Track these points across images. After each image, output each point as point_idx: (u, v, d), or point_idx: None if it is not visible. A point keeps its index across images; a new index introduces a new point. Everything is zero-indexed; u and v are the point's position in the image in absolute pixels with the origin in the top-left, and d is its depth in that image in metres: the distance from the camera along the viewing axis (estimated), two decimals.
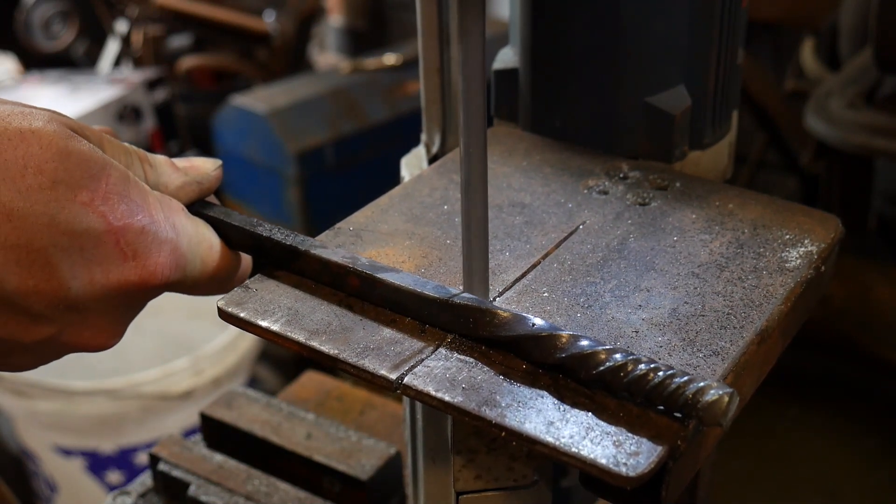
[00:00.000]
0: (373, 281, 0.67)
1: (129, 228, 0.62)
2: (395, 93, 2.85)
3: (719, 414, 0.54)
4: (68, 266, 0.59)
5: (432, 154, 0.92)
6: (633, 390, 0.57)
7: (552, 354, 0.60)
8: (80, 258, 0.60)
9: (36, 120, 0.59)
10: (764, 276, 0.71)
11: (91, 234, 0.60)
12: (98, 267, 0.61)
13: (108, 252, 0.61)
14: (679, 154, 0.85)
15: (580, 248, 0.74)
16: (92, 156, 0.61)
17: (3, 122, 0.58)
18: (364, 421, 1.18)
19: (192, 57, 3.25)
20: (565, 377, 0.61)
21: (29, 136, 0.58)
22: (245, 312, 0.68)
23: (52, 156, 0.58)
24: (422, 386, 0.61)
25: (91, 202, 0.60)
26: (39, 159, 0.58)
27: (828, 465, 2.11)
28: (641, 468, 0.54)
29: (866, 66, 2.04)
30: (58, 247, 0.58)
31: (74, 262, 0.60)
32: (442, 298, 0.64)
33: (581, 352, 0.59)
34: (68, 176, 0.59)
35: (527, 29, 0.86)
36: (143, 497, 1.06)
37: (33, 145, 0.58)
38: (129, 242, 0.62)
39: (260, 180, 2.77)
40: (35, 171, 0.58)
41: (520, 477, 0.72)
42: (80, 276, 0.60)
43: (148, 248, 0.63)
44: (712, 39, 0.83)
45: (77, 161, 0.59)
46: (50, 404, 1.96)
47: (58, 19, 3.27)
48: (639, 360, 0.58)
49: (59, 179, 0.58)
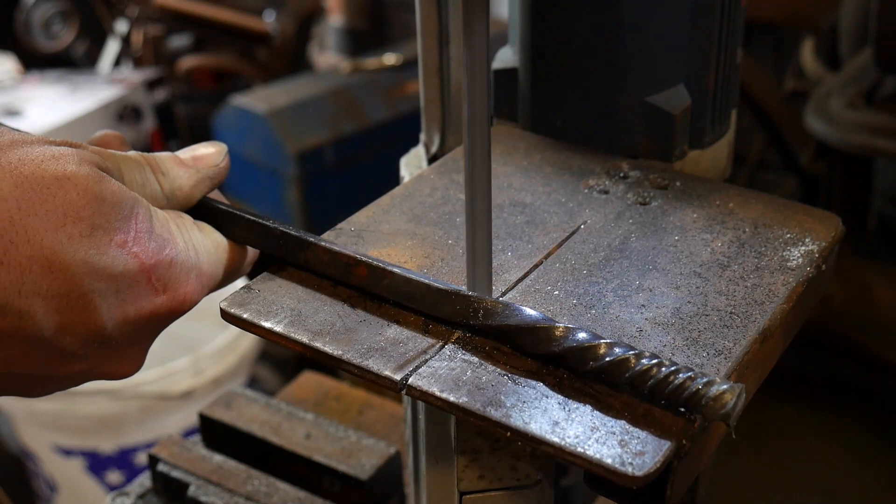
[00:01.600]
0: (382, 271, 0.67)
1: (159, 265, 0.62)
2: (395, 93, 2.85)
3: (726, 409, 0.54)
4: (105, 308, 0.60)
5: (431, 154, 0.92)
6: (637, 384, 0.57)
7: (560, 345, 0.60)
8: (116, 299, 0.60)
9: (69, 163, 0.59)
10: (766, 275, 0.71)
11: (127, 275, 0.60)
12: (132, 305, 0.62)
13: (142, 290, 0.62)
14: (679, 153, 0.85)
15: (582, 247, 0.74)
16: (123, 197, 0.61)
17: (38, 169, 0.57)
18: (362, 421, 1.18)
19: (192, 57, 3.25)
20: (570, 375, 0.61)
21: (65, 182, 0.58)
22: (248, 313, 0.68)
23: (89, 202, 0.58)
24: (426, 386, 0.60)
25: (125, 244, 0.60)
26: (77, 206, 0.58)
27: (824, 464, 2.11)
28: (647, 467, 0.54)
29: (866, 66, 2.04)
30: (97, 291, 0.59)
31: (111, 304, 0.60)
32: (452, 289, 0.65)
33: (589, 343, 0.59)
34: (104, 221, 0.59)
35: (526, 29, 0.86)
36: (142, 498, 1.06)
37: (70, 192, 0.58)
38: (159, 278, 0.63)
39: (260, 180, 2.77)
40: (74, 220, 0.58)
41: (523, 476, 0.72)
42: (116, 315, 0.61)
43: (177, 279, 0.64)
44: (712, 38, 0.83)
45: (111, 205, 0.60)
46: (50, 404, 1.95)
47: (58, 19, 3.27)
48: (641, 354, 0.58)
49: (97, 225, 0.59)
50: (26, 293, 0.56)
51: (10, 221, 0.55)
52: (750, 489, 2.04)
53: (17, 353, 0.58)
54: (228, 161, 0.73)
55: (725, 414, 0.55)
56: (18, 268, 0.56)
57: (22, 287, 0.56)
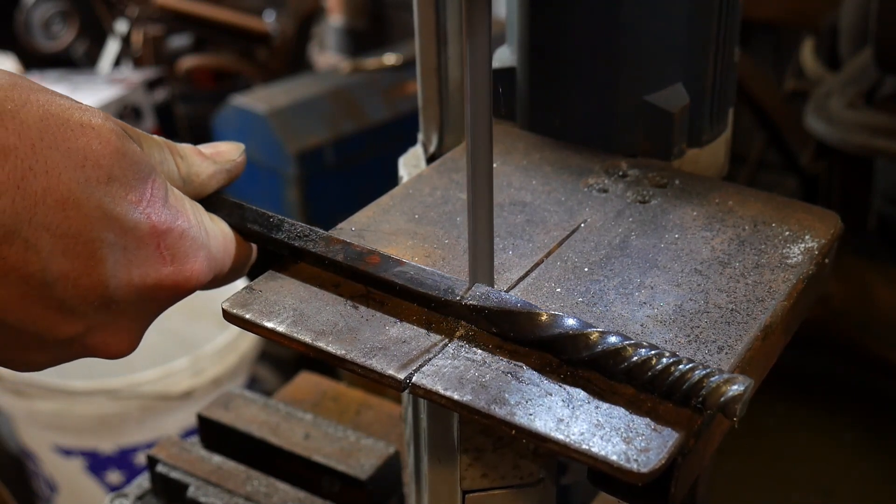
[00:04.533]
0: (395, 260, 0.68)
1: (170, 232, 0.63)
2: (395, 93, 2.85)
3: (740, 402, 0.54)
4: (111, 262, 0.60)
5: (430, 153, 0.92)
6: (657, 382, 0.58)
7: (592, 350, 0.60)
8: (123, 257, 0.60)
9: (94, 116, 0.60)
10: (766, 273, 0.71)
11: (136, 234, 0.61)
12: (137, 268, 0.61)
13: (150, 254, 0.62)
14: (678, 152, 0.85)
15: (582, 246, 0.74)
16: (142, 159, 0.61)
17: (65, 112, 0.58)
18: (361, 421, 1.17)
19: (192, 57, 3.25)
20: (574, 372, 0.61)
21: (89, 129, 0.59)
22: (250, 314, 0.68)
23: (110, 152, 0.59)
24: (430, 385, 0.61)
25: (139, 202, 0.61)
26: (98, 153, 0.58)
27: (823, 463, 2.11)
28: (652, 464, 0.54)
29: (866, 66, 2.04)
30: (105, 241, 0.59)
31: (117, 260, 0.60)
32: (460, 301, 0.65)
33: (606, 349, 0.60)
34: (122, 174, 0.60)
35: (524, 28, 0.86)
36: (140, 499, 1.05)
37: (93, 139, 0.59)
38: (168, 246, 0.63)
39: (260, 180, 2.77)
40: (94, 165, 0.58)
41: (526, 475, 0.72)
42: (120, 274, 0.60)
43: (186, 253, 0.64)
44: (710, 37, 0.83)
45: (130, 162, 0.60)
46: (50, 404, 1.95)
47: (58, 19, 3.27)
48: (639, 344, 0.59)
49: (114, 176, 0.59)
50: (36, 224, 0.56)
51: (31, 149, 0.56)
52: (747, 489, 2.04)
53: (17, 293, 0.57)
54: (245, 158, 0.74)
55: (736, 408, 0.55)
56: (33, 197, 0.55)
57: (33, 217, 0.56)
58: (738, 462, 2.04)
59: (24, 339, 0.61)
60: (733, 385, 0.55)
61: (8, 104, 0.56)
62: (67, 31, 3.29)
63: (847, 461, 2.11)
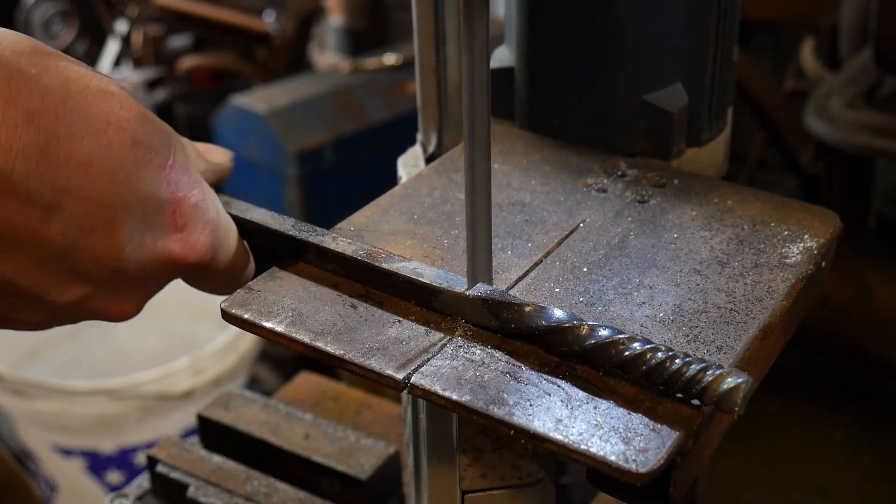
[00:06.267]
0: (400, 257, 0.69)
1: (186, 201, 0.63)
2: (394, 93, 2.85)
3: (735, 399, 0.55)
4: (128, 228, 0.59)
5: (429, 153, 0.92)
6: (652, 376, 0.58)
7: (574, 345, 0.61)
8: (140, 222, 0.60)
9: (112, 84, 0.60)
10: (765, 272, 0.71)
11: (155, 200, 0.60)
12: (151, 234, 0.61)
13: (164, 220, 0.62)
14: (677, 151, 0.85)
15: (581, 246, 0.74)
16: (164, 125, 0.62)
17: (84, 78, 0.58)
18: (360, 421, 1.17)
19: (192, 57, 3.25)
20: (573, 373, 0.61)
21: (110, 95, 0.59)
22: (249, 314, 0.68)
23: (134, 116, 0.59)
24: (429, 385, 0.61)
25: (164, 168, 0.61)
26: (121, 118, 0.58)
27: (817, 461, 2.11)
28: (651, 464, 0.54)
29: (866, 66, 2.04)
30: (125, 207, 0.59)
31: (134, 226, 0.60)
32: (464, 292, 0.65)
33: (601, 341, 0.60)
34: (147, 138, 0.59)
35: (523, 28, 0.86)
36: (140, 499, 1.05)
37: (114, 104, 0.58)
38: (182, 214, 0.63)
39: (260, 180, 2.76)
40: (117, 129, 0.58)
41: (525, 475, 0.72)
42: (135, 239, 0.60)
43: (196, 223, 0.64)
44: (709, 37, 0.83)
45: (153, 127, 0.60)
46: (50, 404, 1.95)
47: (58, 19, 3.27)
48: (657, 347, 0.59)
49: (139, 140, 0.59)
50: (59, 189, 0.56)
51: (55, 114, 0.55)
52: (746, 489, 2.04)
53: (32, 258, 0.56)
54: (232, 165, 0.74)
55: (734, 401, 0.55)
56: (56, 161, 0.55)
57: (56, 181, 0.55)
58: (736, 462, 2.04)
59: (23, 300, 0.60)
60: (730, 378, 0.55)
61: (32, 69, 0.55)
62: (67, 31, 3.29)
63: (845, 460, 2.12)
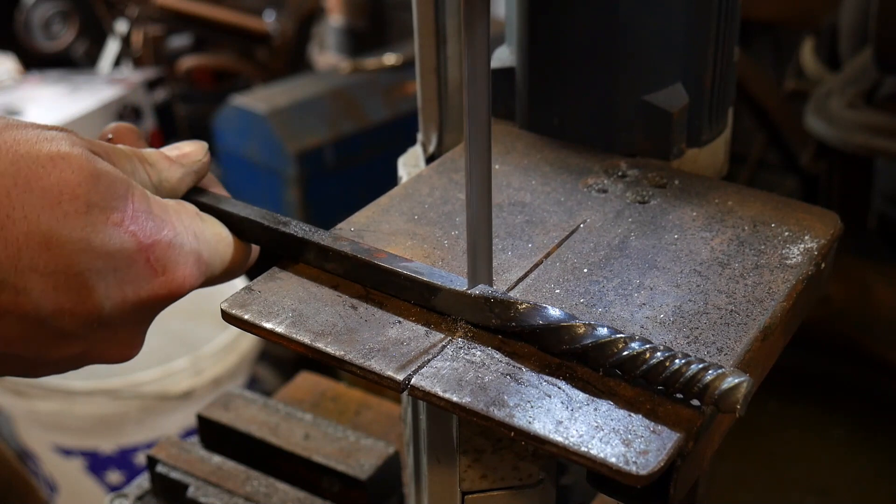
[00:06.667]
0: (402, 258, 0.68)
1: (157, 245, 0.63)
2: (394, 93, 2.85)
3: (736, 399, 0.54)
4: (103, 287, 0.60)
5: (429, 153, 0.92)
6: (650, 377, 0.58)
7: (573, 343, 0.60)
8: (114, 278, 0.61)
9: (62, 144, 0.59)
10: (765, 273, 0.71)
11: (124, 254, 0.61)
12: (130, 285, 0.62)
13: (140, 270, 0.62)
14: (677, 152, 0.85)
15: (582, 246, 0.74)
16: (117, 176, 0.61)
17: (33, 149, 0.58)
18: (360, 421, 1.17)
19: (192, 57, 3.25)
20: (573, 374, 0.61)
21: (59, 161, 0.58)
22: (249, 314, 0.67)
23: (84, 179, 0.59)
24: (429, 387, 0.60)
25: (122, 222, 0.61)
26: (73, 184, 0.58)
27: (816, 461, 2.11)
28: (651, 466, 0.54)
29: (866, 66, 2.04)
30: (94, 270, 0.59)
31: (109, 283, 0.60)
32: (464, 291, 0.65)
33: (602, 340, 0.60)
34: (100, 199, 0.59)
35: (523, 28, 0.86)
36: (140, 500, 1.05)
37: (65, 170, 0.58)
38: (158, 258, 0.63)
39: (260, 180, 2.77)
40: (70, 197, 0.58)
41: (525, 476, 0.72)
42: (114, 295, 0.61)
43: (175, 261, 0.64)
44: (709, 37, 0.83)
45: (106, 183, 0.60)
46: (50, 404, 1.95)
47: (58, 19, 3.27)
48: (656, 347, 0.59)
49: (93, 203, 0.59)
50: (23, 269, 0.56)
51: (6, 196, 0.56)
52: (745, 490, 2.04)
53: (15, 332, 0.58)
54: (209, 156, 0.74)
55: (734, 401, 0.55)
56: (15, 243, 0.56)
57: (18, 263, 0.56)
58: (734, 462, 2.04)
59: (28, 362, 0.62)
60: (731, 377, 0.55)
61: None
62: (67, 31, 3.29)
63: (843, 460, 2.12)
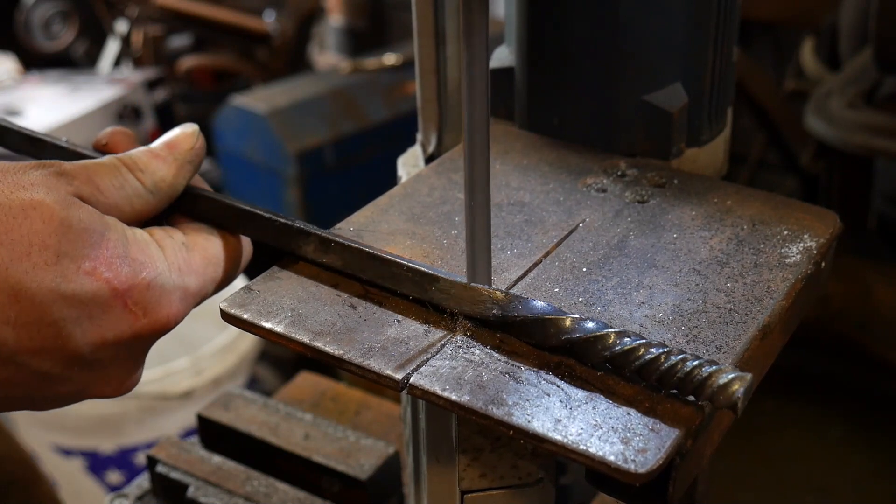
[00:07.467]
0: (403, 258, 0.68)
1: (134, 288, 0.62)
2: (394, 93, 2.85)
3: (733, 392, 0.54)
4: (80, 334, 0.60)
5: (428, 154, 0.92)
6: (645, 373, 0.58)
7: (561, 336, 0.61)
8: (90, 324, 0.60)
9: (37, 191, 0.59)
10: (764, 272, 0.71)
11: (98, 301, 0.60)
12: (110, 330, 0.61)
13: (118, 314, 0.61)
14: (676, 151, 0.85)
15: (581, 246, 0.74)
16: (91, 224, 0.61)
17: (7, 199, 0.58)
18: (360, 421, 1.17)
19: (192, 57, 3.25)
20: (571, 373, 0.61)
21: (31, 211, 0.58)
22: (248, 314, 0.68)
23: (55, 229, 0.58)
24: (428, 385, 0.60)
25: (94, 270, 0.60)
26: (42, 235, 0.58)
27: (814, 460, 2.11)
28: (650, 465, 0.54)
29: (866, 66, 2.04)
30: (68, 318, 0.59)
31: (85, 329, 0.60)
32: (462, 283, 0.65)
33: (591, 334, 0.60)
34: (71, 248, 0.59)
35: (523, 28, 0.86)
36: (140, 500, 1.06)
37: (36, 221, 0.58)
38: (136, 301, 0.62)
39: (260, 180, 2.77)
40: (40, 248, 0.58)
41: (525, 475, 0.72)
42: (92, 340, 0.61)
43: (157, 301, 0.63)
44: (709, 37, 0.83)
45: (78, 232, 0.60)
46: None
47: (58, 19, 3.27)
48: (650, 343, 0.59)
49: (63, 252, 0.59)
50: None
51: None
52: (744, 489, 2.05)
53: (2, 376, 0.59)
54: (203, 140, 0.71)
55: (732, 397, 0.55)
56: None
57: None
58: (733, 461, 2.04)
59: (24, 401, 0.63)
60: (727, 373, 0.55)
61: None
62: (67, 31, 3.29)
63: (841, 459, 2.12)
